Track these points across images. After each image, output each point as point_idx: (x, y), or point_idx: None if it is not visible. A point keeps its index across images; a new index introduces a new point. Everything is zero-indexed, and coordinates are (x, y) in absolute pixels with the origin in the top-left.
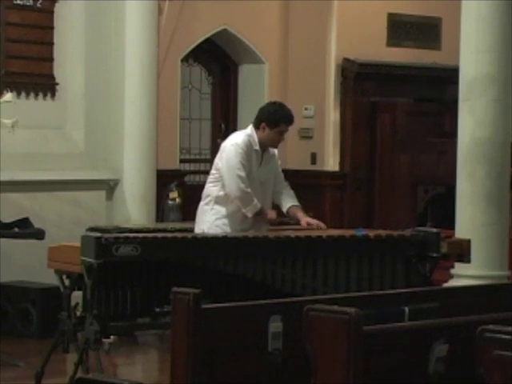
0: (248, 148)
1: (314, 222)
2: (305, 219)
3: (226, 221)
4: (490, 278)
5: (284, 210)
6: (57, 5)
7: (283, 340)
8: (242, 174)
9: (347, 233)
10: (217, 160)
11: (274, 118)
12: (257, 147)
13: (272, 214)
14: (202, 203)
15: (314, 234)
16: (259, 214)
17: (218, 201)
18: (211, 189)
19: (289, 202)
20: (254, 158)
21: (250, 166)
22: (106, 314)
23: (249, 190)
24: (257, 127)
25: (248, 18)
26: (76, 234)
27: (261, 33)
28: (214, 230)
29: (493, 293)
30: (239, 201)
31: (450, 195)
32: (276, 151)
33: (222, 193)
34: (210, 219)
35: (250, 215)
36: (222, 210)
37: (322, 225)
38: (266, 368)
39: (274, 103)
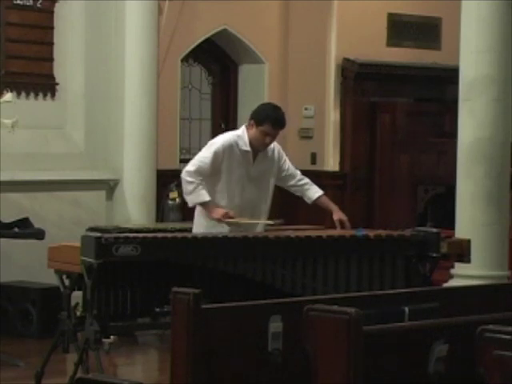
0: (227, 148)
1: (346, 219)
2: (338, 214)
3: (218, 224)
4: (490, 278)
5: (310, 201)
6: (57, 5)
7: (283, 340)
8: (203, 165)
9: (347, 233)
10: None
11: (260, 116)
12: (246, 148)
13: (216, 214)
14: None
15: (314, 234)
16: (205, 209)
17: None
18: None
19: (314, 192)
20: (241, 158)
21: (230, 165)
22: (106, 314)
23: (193, 180)
24: (248, 125)
25: (248, 18)
26: (76, 234)
27: (261, 33)
28: (210, 231)
29: (493, 293)
30: (183, 183)
31: (450, 195)
32: (277, 149)
33: (214, 195)
34: (205, 222)
35: (189, 204)
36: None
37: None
38: (266, 368)
39: (269, 103)
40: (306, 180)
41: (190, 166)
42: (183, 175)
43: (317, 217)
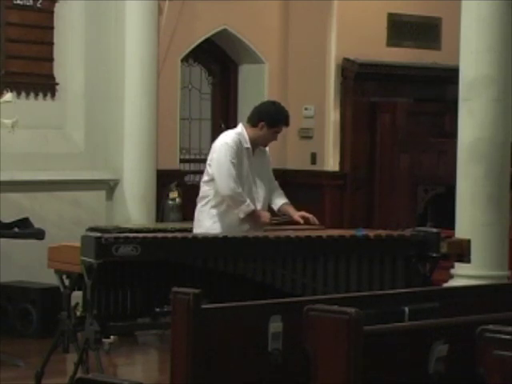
0: (238, 147)
1: (308, 214)
2: (297, 214)
3: (223, 223)
4: (489, 278)
5: (276, 208)
6: (57, 5)
7: (283, 340)
8: (233, 173)
9: (347, 233)
10: (209, 161)
11: (274, 119)
12: (247, 145)
13: (265, 217)
14: (198, 205)
15: (314, 234)
16: (251, 216)
17: (215, 203)
18: (207, 191)
19: (280, 200)
20: (245, 156)
21: (241, 164)
22: (106, 314)
23: (240, 189)
24: (254, 125)
25: (248, 18)
26: (76, 234)
27: (261, 33)
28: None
29: (493, 293)
30: (230, 200)
31: (450, 195)
32: (267, 148)
33: (217, 195)
34: (208, 223)
35: (241, 216)
36: (220, 213)
37: (315, 218)
38: (266, 368)
39: (274, 103)
40: (280, 189)
41: (226, 180)
42: (227, 192)
43: (317, 217)
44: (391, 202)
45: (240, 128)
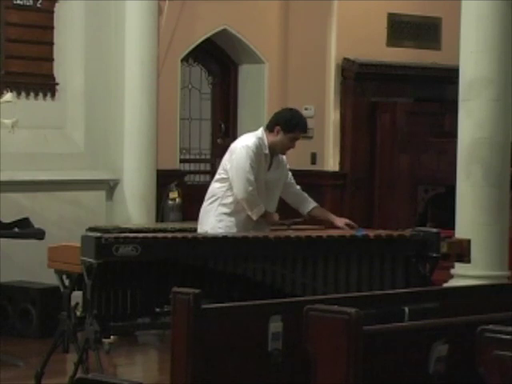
0: (258, 151)
1: (350, 222)
2: (339, 220)
3: (229, 223)
4: (489, 278)
5: (305, 211)
6: (57, 5)
7: (283, 340)
8: (251, 176)
9: (347, 233)
10: (225, 161)
11: (291, 124)
12: (266, 151)
13: (275, 217)
14: (205, 203)
15: (314, 234)
16: (263, 217)
17: (223, 202)
18: (217, 190)
19: (310, 203)
20: (263, 161)
21: (258, 168)
22: (106, 314)
23: (256, 193)
24: (271, 130)
25: (248, 18)
26: (76, 234)
27: (261, 33)
28: (217, 231)
29: (493, 293)
30: (245, 203)
31: (450, 195)
32: (284, 156)
33: (228, 194)
34: (213, 221)
35: (254, 218)
36: (227, 212)
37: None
38: (265, 368)
39: (291, 109)
40: (305, 193)
41: (244, 184)
42: (244, 195)
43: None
44: (391, 202)
45: (261, 132)
